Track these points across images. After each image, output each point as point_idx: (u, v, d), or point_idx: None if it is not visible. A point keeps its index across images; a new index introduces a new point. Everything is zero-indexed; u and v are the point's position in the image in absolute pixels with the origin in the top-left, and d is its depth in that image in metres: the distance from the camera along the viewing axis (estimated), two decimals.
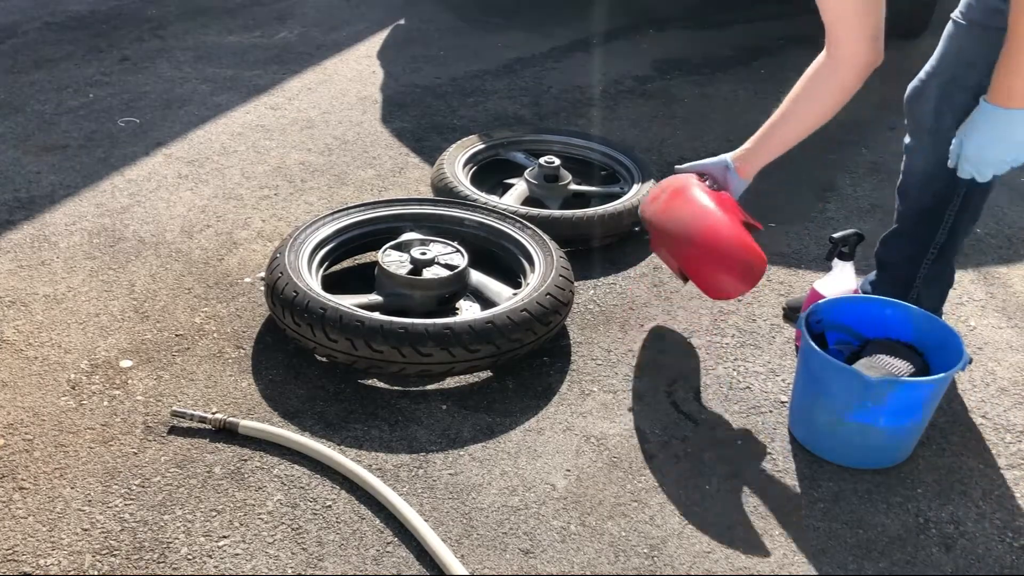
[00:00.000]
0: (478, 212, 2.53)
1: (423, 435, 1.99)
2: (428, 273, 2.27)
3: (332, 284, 2.36)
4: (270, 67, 3.98)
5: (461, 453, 1.95)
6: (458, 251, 2.35)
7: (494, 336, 2.03)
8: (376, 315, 2.04)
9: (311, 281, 2.20)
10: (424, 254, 2.30)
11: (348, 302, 2.12)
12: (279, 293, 2.11)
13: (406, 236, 2.41)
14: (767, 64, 4.20)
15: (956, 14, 1.88)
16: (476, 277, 2.35)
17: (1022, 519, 1.84)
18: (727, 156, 2.20)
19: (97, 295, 2.41)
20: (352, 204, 2.52)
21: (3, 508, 1.76)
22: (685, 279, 2.22)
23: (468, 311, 2.28)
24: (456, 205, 2.56)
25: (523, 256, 2.39)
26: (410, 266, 2.28)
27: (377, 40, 4.37)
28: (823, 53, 1.99)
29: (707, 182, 2.22)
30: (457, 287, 2.30)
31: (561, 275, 2.24)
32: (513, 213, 2.54)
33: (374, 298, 2.24)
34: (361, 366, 2.06)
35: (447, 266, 2.30)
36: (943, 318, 2.12)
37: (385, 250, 2.34)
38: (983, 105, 1.73)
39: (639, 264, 2.65)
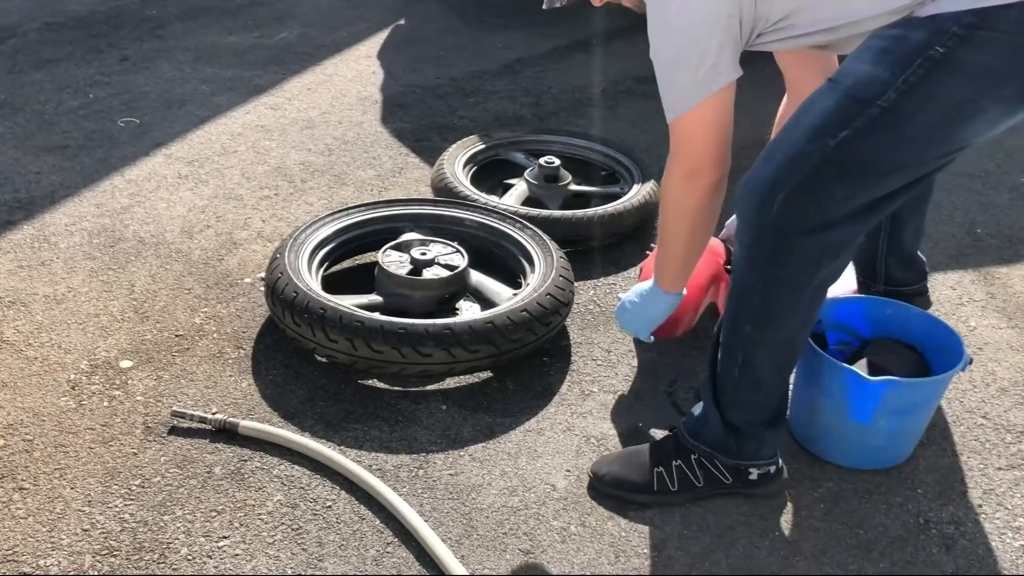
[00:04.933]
0: (478, 212, 2.53)
1: (423, 435, 1.99)
2: (428, 273, 2.27)
3: (332, 284, 2.36)
4: (270, 67, 3.98)
5: (461, 453, 1.95)
6: (458, 251, 2.35)
7: (494, 336, 2.03)
8: (376, 315, 2.04)
9: (311, 281, 2.20)
10: (424, 254, 2.30)
11: (348, 302, 2.12)
12: (279, 293, 2.11)
13: (406, 236, 2.41)
14: (768, 64, 4.19)
15: None
16: (476, 277, 2.35)
17: (1022, 519, 1.84)
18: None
19: (97, 295, 2.41)
20: (352, 204, 2.52)
21: (3, 508, 1.76)
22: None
23: (468, 311, 2.28)
24: (456, 205, 2.56)
25: (523, 256, 2.39)
26: (410, 266, 2.28)
27: (377, 40, 4.37)
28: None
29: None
30: (457, 287, 2.30)
31: (561, 275, 2.24)
32: (513, 213, 2.54)
33: (374, 298, 2.24)
34: (361, 366, 2.05)
35: (447, 266, 2.30)
36: (944, 319, 2.12)
37: (385, 250, 2.34)
38: (653, 285, 1.97)
39: (639, 264, 2.64)
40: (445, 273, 2.28)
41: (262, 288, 2.42)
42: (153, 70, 3.89)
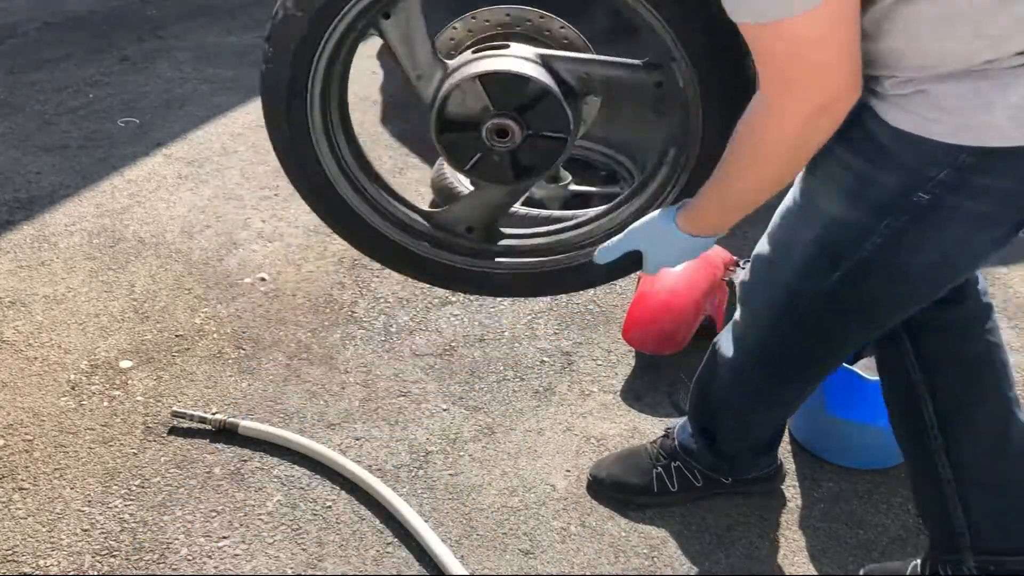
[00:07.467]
0: None
1: (423, 435, 1.99)
2: None
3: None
4: None
5: (461, 453, 1.95)
6: None
7: None
8: None
9: None
10: None
11: None
12: None
13: None
14: None
15: None
16: None
17: None
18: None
19: (97, 295, 2.41)
20: None
21: (3, 508, 1.76)
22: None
23: None
24: None
25: None
26: None
27: (377, 40, 4.35)
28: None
29: None
30: None
31: None
32: (513, 213, 2.54)
33: None
34: None
35: None
36: None
37: None
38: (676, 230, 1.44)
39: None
40: None
41: (262, 288, 2.42)
42: (153, 70, 3.89)
